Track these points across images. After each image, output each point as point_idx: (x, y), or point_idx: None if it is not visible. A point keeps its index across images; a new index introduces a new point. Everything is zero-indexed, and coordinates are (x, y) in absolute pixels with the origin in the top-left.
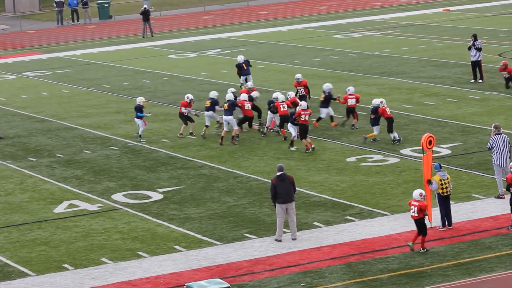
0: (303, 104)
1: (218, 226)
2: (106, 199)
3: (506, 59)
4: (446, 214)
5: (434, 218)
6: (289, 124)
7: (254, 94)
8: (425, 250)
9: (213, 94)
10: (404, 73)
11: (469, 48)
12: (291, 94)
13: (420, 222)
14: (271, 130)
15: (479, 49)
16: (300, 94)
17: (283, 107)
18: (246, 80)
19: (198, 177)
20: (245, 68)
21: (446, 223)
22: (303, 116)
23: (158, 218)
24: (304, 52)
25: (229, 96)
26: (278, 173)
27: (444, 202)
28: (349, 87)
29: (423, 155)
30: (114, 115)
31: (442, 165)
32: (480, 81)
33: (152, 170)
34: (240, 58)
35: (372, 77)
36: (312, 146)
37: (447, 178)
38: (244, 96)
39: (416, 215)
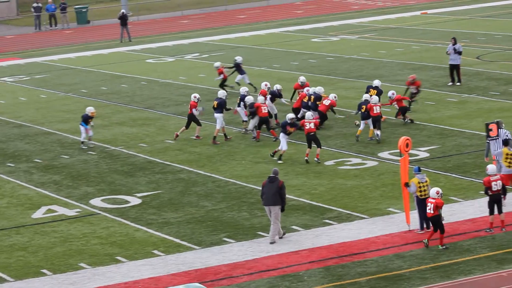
0: (307, 114)
1: (196, 231)
2: (84, 204)
3: (415, 73)
4: (424, 217)
5: (412, 221)
6: (281, 134)
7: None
8: (445, 247)
9: (221, 94)
10: (382, 76)
11: (448, 52)
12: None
13: (435, 220)
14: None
15: (459, 53)
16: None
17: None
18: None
19: (176, 181)
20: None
21: (425, 225)
22: (307, 124)
23: (136, 222)
24: (282, 56)
25: (221, 93)
26: (270, 175)
27: (423, 205)
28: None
29: (400, 158)
30: (92, 120)
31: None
32: (458, 83)
33: (130, 175)
34: (239, 59)
35: (350, 80)
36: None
37: (426, 181)
38: (261, 99)
39: (432, 212)
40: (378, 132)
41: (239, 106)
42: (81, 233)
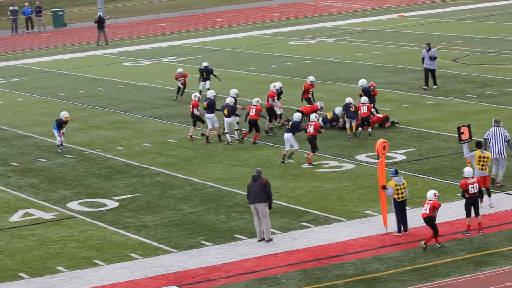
0: (311, 116)
1: (174, 234)
2: (62, 208)
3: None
4: (402, 220)
5: (389, 224)
6: (289, 135)
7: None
8: (441, 245)
9: (210, 94)
10: (359, 79)
11: (423, 60)
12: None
13: (430, 220)
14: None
15: (434, 58)
16: (310, 96)
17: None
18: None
19: (154, 184)
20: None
21: (402, 228)
22: (308, 126)
23: (114, 226)
24: (259, 58)
25: (210, 93)
26: (253, 175)
27: (400, 208)
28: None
29: (378, 161)
30: (69, 123)
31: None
32: (435, 86)
33: (108, 178)
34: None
35: (327, 83)
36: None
37: (403, 184)
38: (254, 101)
39: (428, 212)
40: (369, 129)
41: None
42: (58, 236)
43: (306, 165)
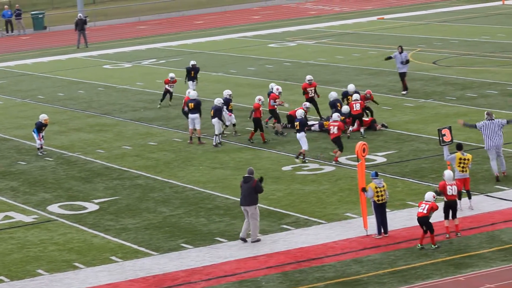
0: (334, 115)
1: (154, 236)
2: (42, 211)
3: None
4: (382, 222)
5: (369, 226)
6: (301, 134)
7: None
8: (436, 246)
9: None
10: (339, 81)
11: (389, 58)
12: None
13: (425, 220)
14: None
15: (406, 62)
16: (311, 95)
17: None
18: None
19: (134, 187)
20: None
21: (382, 230)
22: (331, 128)
23: (94, 229)
24: (239, 61)
25: (195, 93)
26: (245, 175)
27: (380, 210)
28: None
29: (357, 163)
30: (49, 126)
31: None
32: (404, 92)
33: (88, 181)
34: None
35: None
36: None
37: (383, 186)
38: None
39: (425, 212)
40: (362, 129)
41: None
42: (38, 239)
43: (334, 162)
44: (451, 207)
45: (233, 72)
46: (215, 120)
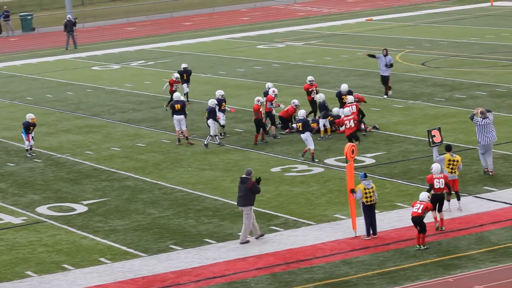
0: (345, 110)
1: (143, 238)
2: (31, 212)
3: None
4: (370, 223)
5: (358, 227)
6: (307, 134)
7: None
8: (426, 247)
9: (177, 95)
10: (327, 82)
11: (373, 56)
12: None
13: (420, 220)
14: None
15: (390, 65)
16: (313, 96)
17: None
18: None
19: (123, 189)
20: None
21: (371, 232)
22: (347, 123)
23: (83, 230)
24: (227, 62)
25: (178, 95)
26: (242, 176)
27: (369, 211)
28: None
29: (346, 164)
30: (38, 127)
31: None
32: (385, 97)
33: (77, 182)
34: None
35: (296, 87)
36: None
37: (372, 187)
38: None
39: (420, 212)
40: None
41: (220, 111)
42: (27, 241)
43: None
44: (438, 200)
45: (222, 73)
46: (210, 121)
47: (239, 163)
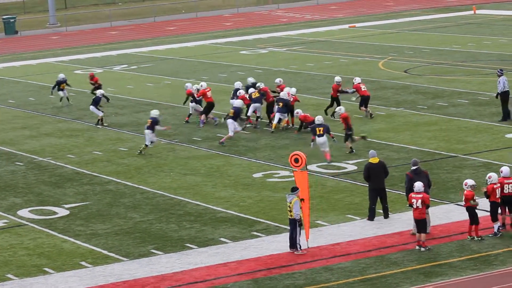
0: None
1: (124, 242)
2: (12, 215)
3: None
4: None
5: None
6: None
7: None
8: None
9: (154, 113)
10: (310, 89)
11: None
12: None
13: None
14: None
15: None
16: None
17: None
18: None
19: (104, 193)
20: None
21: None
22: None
23: (64, 234)
24: (210, 68)
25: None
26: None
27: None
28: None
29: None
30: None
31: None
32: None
33: (58, 186)
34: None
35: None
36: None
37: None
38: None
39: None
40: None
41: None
42: (8, 244)
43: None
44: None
45: (204, 78)
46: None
47: (221, 168)
